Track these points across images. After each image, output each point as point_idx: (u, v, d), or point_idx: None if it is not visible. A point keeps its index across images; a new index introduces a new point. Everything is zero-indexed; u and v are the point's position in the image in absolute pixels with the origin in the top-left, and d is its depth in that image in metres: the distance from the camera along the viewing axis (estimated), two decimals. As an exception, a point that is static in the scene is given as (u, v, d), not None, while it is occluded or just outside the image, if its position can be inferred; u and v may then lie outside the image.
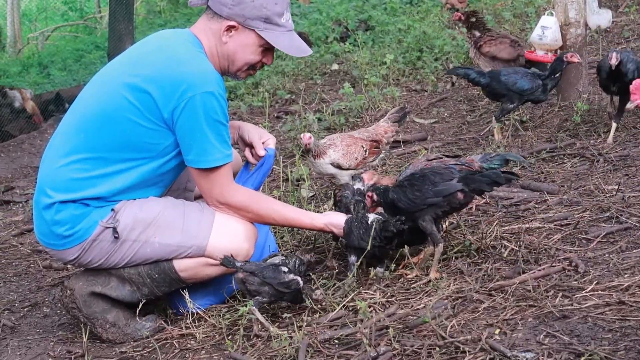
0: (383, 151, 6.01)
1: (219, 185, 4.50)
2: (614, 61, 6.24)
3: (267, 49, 4.61)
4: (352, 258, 4.65)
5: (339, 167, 5.72)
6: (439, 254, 4.61)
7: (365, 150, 5.80)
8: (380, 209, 4.85)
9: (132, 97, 4.35)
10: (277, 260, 4.54)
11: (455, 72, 7.39)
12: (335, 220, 4.71)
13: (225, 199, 4.54)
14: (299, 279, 4.46)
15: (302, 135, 5.66)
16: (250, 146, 4.97)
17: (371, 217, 4.63)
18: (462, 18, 8.93)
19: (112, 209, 4.46)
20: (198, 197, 4.95)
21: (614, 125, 6.51)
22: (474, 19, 8.84)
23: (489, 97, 7.27)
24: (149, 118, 4.36)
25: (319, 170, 5.79)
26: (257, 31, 4.52)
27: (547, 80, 6.82)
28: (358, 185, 5.11)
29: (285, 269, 4.46)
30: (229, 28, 4.51)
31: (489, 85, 6.97)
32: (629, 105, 5.61)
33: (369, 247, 4.52)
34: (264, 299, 4.40)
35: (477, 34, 8.70)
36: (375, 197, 4.77)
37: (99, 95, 4.49)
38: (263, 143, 4.93)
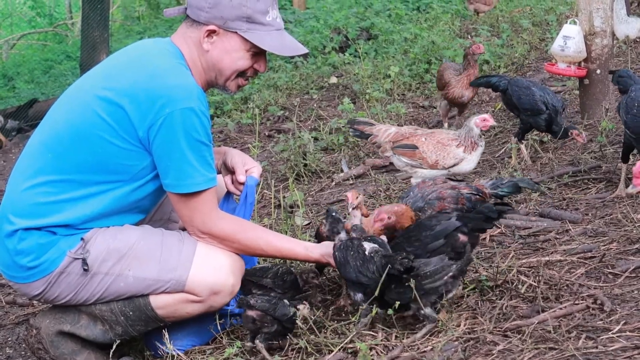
0: None
1: (200, 212, 4.49)
2: None
3: (257, 53, 4.60)
4: (359, 296, 4.56)
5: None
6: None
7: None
8: (383, 237, 4.82)
9: (104, 113, 4.35)
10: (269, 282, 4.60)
11: (477, 82, 7.55)
12: (332, 250, 4.70)
13: (208, 228, 4.53)
14: (295, 309, 4.49)
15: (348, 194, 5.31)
16: (233, 172, 4.97)
17: (368, 246, 4.55)
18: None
19: (82, 238, 4.45)
20: (182, 229, 4.91)
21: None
22: None
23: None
24: (122, 136, 4.36)
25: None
26: (239, 33, 4.51)
27: None
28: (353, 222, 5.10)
29: (286, 301, 4.50)
30: (209, 33, 4.51)
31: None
32: (630, 190, 5.49)
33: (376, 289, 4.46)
34: (269, 337, 4.42)
35: None
36: (386, 220, 4.79)
37: (69, 111, 4.50)
38: (247, 171, 4.92)
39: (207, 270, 4.51)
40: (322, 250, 4.71)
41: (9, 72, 22.50)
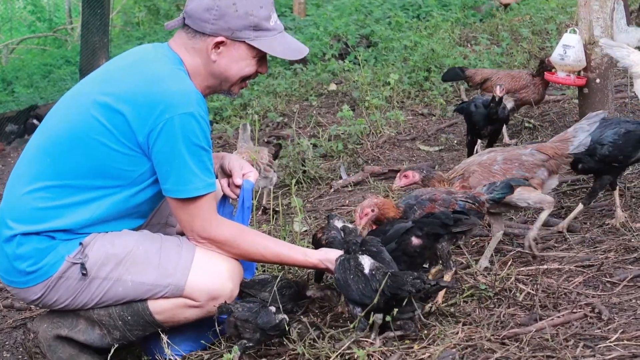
0: None
1: (200, 218, 4.49)
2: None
3: (261, 57, 4.62)
4: (357, 309, 4.55)
5: None
6: None
7: None
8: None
9: (103, 118, 4.35)
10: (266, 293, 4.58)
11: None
12: (331, 255, 4.70)
13: (207, 233, 4.53)
14: (286, 316, 4.48)
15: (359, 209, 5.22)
16: (229, 176, 4.97)
17: (366, 263, 4.49)
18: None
19: (81, 243, 4.45)
20: (180, 234, 4.91)
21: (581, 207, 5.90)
22: None
23: None
24: (122, 142, 4.36)
25: None
26: (247, 42, 4.53)
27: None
28: (339, 224, 5.11)
29: (273, 308, 4.48)
30: (217, 45, 4.51)
31: None
32: (394, 186, 5.59)
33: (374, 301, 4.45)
34: (250, 344, 4.41)
35: None
36: (370, 214, 4.85)
37: (68, 116, 4.49)
38: (243, 175, 4.92)
39: (205, 276, 4.50)
40: (321, 256, 4.71)
41: (8, 77, 22.45)
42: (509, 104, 8.21)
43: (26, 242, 4.41)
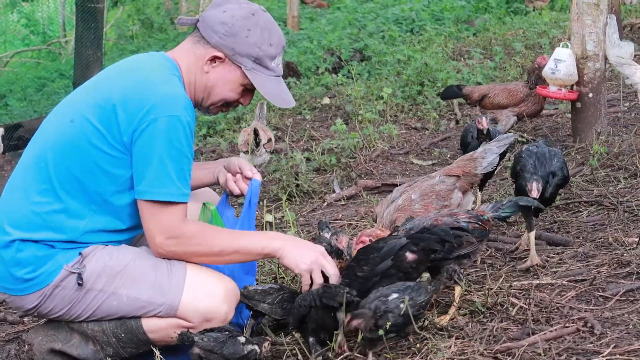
0: None
1: (167, 225, 4.39)
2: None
3: (248, 89, 4.64)
4: (312, 339, 4.52)
5: None
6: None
7: None
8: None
9: (95, 119, 4.34)
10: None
11: None
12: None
13: (171, 234, 4.40)
14: (257, 347, 4.39)
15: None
16: (235, 175, 4.96)
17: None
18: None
19: (80, 253, 4.45)
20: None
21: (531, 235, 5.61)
22: None
23: None
24: (110, 143, 4.33)
25: None
26: (243, 69, 4.55)
27: None
28: (328, 235, 5.11)
29: (242, 339, 4.39)
30: (214, 58, 4.54)
31: None
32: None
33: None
34: None
35: None
36: (367, 242, 4.83)
37: (61, 122, 4.51)
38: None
39: (199, 297, 4.45)
40: (288, 241, 4.58)
41: (1, 90, 22.46)
42: (511, 119, 8.26)
43: (25, 248, 4.41)
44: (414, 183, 5.62)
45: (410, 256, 4.47)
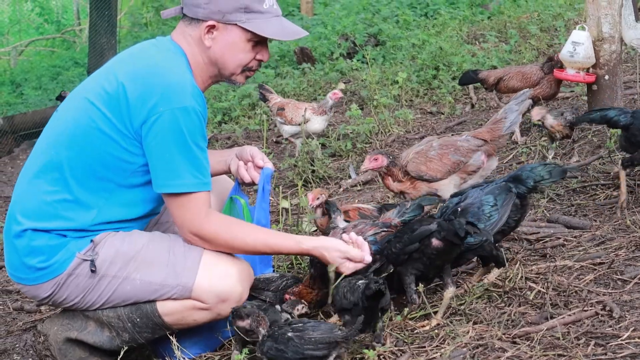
0: None
1: (190, 213, 4.42)
2: None
3: (258, 42, 4.60)
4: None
5: None
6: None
7: None
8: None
9: (103, 105, 4.36)
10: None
11: (586, 118, 6.49)
12: (328, 243, 4.61)
13: (197, 229, 4.46)
14: (286, 314, 4.49)
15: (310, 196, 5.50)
16: (247, 163, 4.97)
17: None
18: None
19: (92, 240, 4.46)
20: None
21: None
22: None
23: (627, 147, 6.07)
24: (118, 128, 4.34)
25: None
26: (239, 24, 4.52)
27: None
28: (340, 220, 5.14)
29: (278, 307, 4.52)
30: (209, 29, 4.52)
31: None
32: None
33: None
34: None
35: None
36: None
37: (71, 108, 4.53)
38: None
39: (214, 278, 4.48)
40: (316, 244, 4.59)
41: (17, 79, 22.47)
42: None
43: (37, 237, 4.43)
44: (444, 136, 5.82)
45: (435, 242, 4.47)
